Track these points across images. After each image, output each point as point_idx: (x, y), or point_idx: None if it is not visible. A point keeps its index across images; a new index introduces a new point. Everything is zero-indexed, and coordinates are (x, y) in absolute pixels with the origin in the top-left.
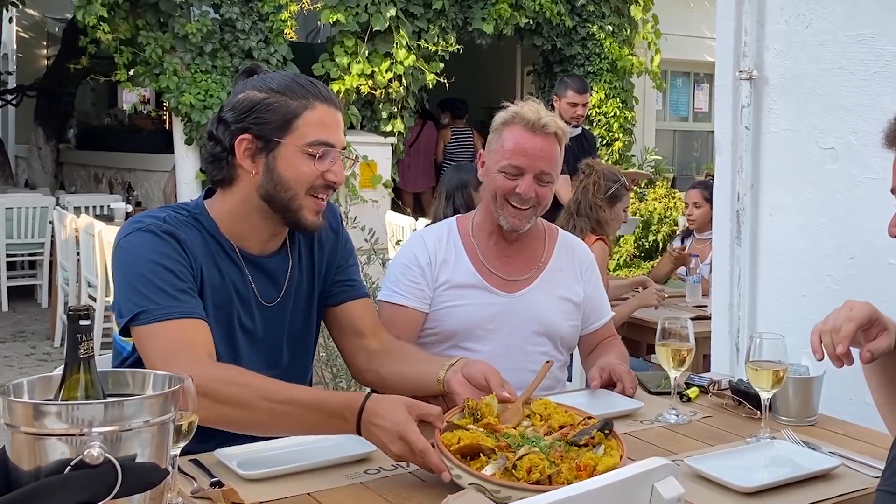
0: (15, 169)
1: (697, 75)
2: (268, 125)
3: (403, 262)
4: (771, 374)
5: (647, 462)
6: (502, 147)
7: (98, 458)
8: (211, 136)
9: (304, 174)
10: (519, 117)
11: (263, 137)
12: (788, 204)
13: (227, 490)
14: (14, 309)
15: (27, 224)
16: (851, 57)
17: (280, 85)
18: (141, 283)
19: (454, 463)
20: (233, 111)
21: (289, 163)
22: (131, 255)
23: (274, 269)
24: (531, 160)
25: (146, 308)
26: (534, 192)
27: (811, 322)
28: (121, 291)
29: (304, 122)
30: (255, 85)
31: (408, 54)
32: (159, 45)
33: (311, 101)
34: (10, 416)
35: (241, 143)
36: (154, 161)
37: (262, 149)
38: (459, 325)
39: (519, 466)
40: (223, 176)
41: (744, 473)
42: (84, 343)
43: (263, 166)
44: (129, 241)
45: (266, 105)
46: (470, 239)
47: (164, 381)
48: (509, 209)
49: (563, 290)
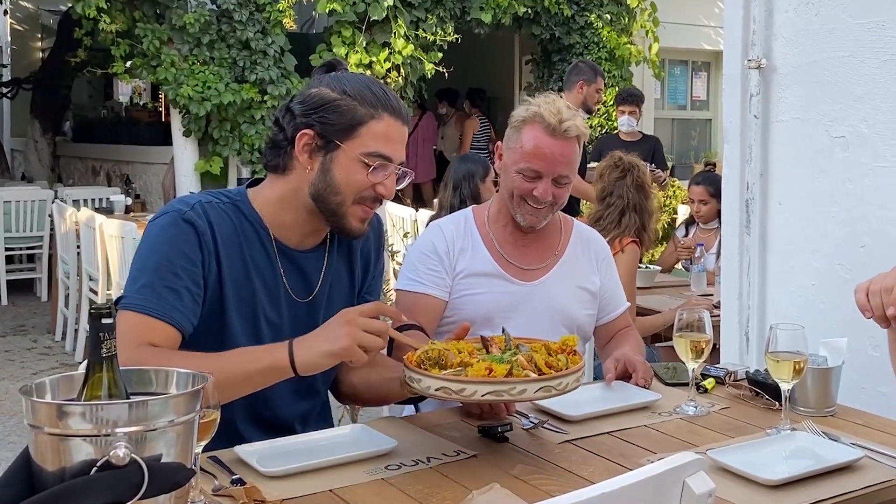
0: (11, 162)
1: (695, 63)
2: (332, 126)
3: (422, 250)
4: (792, 365)
5: (678, 457)
6: (521, 148)
7: (124, 458)
8: (276, 122)
9: (355, 182)
10: (540, 118)
11: (325, 137)
12: (798, 193)
13: (249, 488)
14: (13, 303)
15: (25, 217)
16: (861, 45)
17: (354, 89)
18: (140, 271)
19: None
20: (302, 104)
21: (344, 168)
22: (145, 242)
23: (309, 265)
24: (551, 165)
25: (126, 296)
26: (551, 194)
27: (822, 311)
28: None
29: (367, 130)
30: (330, 83)
31: (406, 44)
32: (156, 36)
33: (379, 112)
34: (33, 417)
35: (303, 137)
36: (152, 153)
37: (322, 148)
38: (478, 313)
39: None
40: (278, 163)
41: (768, 466)
42: (107, 342)
43: (319, 165)
44: (152, 226)
45: (335, 106)
46: (486, 229)
47: (188, 379)
48: (526, 207)
49: (579, 278)
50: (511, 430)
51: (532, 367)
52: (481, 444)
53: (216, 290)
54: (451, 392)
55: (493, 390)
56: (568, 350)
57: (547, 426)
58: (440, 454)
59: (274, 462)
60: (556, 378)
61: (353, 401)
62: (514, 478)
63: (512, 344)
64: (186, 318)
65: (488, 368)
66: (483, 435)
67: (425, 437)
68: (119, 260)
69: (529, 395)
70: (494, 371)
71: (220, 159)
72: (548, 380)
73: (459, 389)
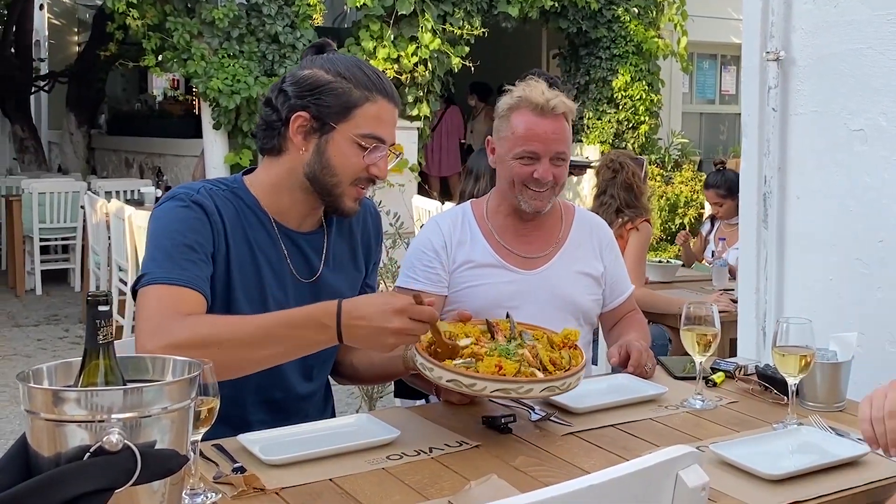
0: (48, 154)
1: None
2: (327, 108)
3: (419, 247)
4: (798, 359)
5: (671, 450)
6: (514, 134)
7: (117, 444)
8: (268, 103)
9: (351, 164)
10: (526, 101)
11: (320, 119)
12: (816, 187)
13: (248, 476)
14: (48, 293)
15: (60, 209)
16: (881, 37)
17: (348, 71)
18: (157, 249)
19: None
20: (295, 86)
21: (339, 149)
22: (155, 224)
23: (309, 246)
24: (546, 144)
25: (148, 272)
26: (551, 174)
27: (839, 306)
28: (143, 256)
29: (362, 112)
30: (323, 65)
31: (433, 38)
32: (187, 30)
33: (373, 94)
34: (29, 403)
35: (297, 119)
36: (183, 146)
37: (317, 130)
38: (481, 304)
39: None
40: (273, 145)
41: (770, 460)
42: (103, 329)
43: (314, 147)
44: (158, 211)
45: (330, 88)
46: (485, 221)
47: (184, 366)
48: (529, 192)
49: (581, 264)
50: (515, 422)
51: (537, 364)
52: (485, 435)
53: (224, 271)
54: (462, 385)
55: (501, 388)
56: (570, 344)
57: (553, 419)
58: (443, 444)
59: (276, 450)
60: (561, 379)
61: (353, 380)
62: (514, 469)
63: (516, 331)
64: (208, 286)
65: (498, 365)
66: (487, 426)
67: (429, 428)
68: None
69: (535, 394)
70: (504, 369)
71: (249, 152)
72: (553, 381)
73: (470, 384)
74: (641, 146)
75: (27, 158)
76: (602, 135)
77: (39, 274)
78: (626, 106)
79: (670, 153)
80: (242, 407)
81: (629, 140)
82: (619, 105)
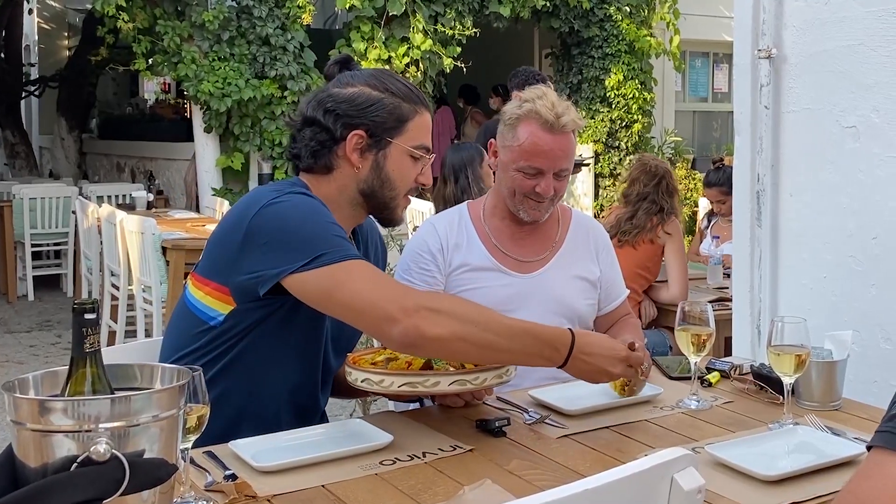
0: (39, 159)
1: (716, 55)
2: (382, 124)
3: (415, 249)
4: (793, 358)
5: (666, 453)
6: (520, 146)
7: (105, 454)
8: (315, 123)
9: (407, 175)
10: (535, 114)
11: (376, 135)
12: (809, 184)
13: (239, 483)
14: (40, 298)
15: (51, 214)
16: (872, 33)
17: (395, 87)
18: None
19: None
20: (347, 104)
21: (396, 163)
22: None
23: None
24: (551, 161)
25: (327, 251)
26: (552, 189)
27: (833, 303)
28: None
29: (413, 125)
30: (368, 82)
31: (424, 39)
32: (177, 33)
33: (419, 107)
34: (15, 413)
35: (354, 137)
36: (175, 150)
37: (373, 146)
38: None
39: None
40: (324, 163)
41: (766, 461)
42: (90, 337)
43: (372, 163)
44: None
45: (382, 105)
46: (482, 223)
47: (173, 374)
48: (529, 203)
49: (578, 268)
50: (509, 425)
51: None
52: (478, 439)
53: None
54: (373, 384)
55: (408, 381)
56: None
57: (548, 422)
58: (436, 449)
59: (268, 457)
60: (473, 373)
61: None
62: (508, 473)
63: None
64: None
65: (408, 362)
66: (481, 429)
67: (422, 432)
68: (139, 256)
69: (443, 387)
70: (413, 364)
71: (241, 155)
72: (463, 374)
73: (379, 380)
74: (635, 145)
75: (18, 164)
76: (595, 134)
77: (31, 279)
78: (619, 105)
79: (664, 151)
80: (278, 407)
81: (623, 139)
82: (612, 104)
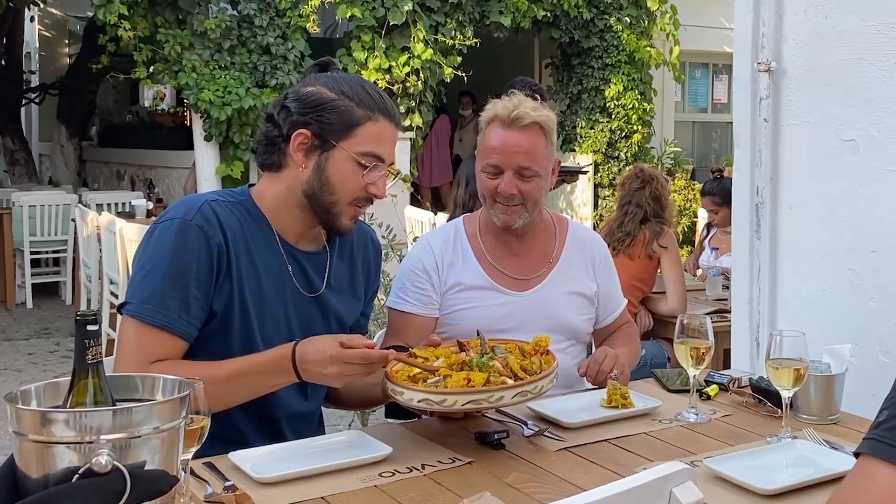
0: (39, 167)
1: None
2: (329, 126)
3: (410, 267)
4: (792, 372)
5: (665, 467)
6: (484, 147)
7: (106, 466)
8: (270, 119)
9: (350, 182)
10: (495, 115)
11: (321, 136)
12: (808, 197)
13: (239, 495)
14: (38, 306)
15: (50, 221)
16: (871, 47)
17: (351, 90)
18: (146, 278)
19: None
20: (298, 102)
21: (339, 167)
22: (149, 248)
23: (311, 265)
24: (507, 157)
25: (132, 301)
26: (516, 188)
27: (832, 316)
28: (133, 275)
29: (363, 131)
30: (327, 83)
31: (425, 48)
32: (178, 42)
33: (375, 114)
34: (17, 424)
35: (298, 136)
36: (175, 158)
37: (318, 147)
38: (472, 327)
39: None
40: (273, 161)
41: (764, 475)
42: (92, 348)
43: (314, 164)
44: (158, 231)
45: (333, 106)
46: (477, 240)
47: (175, 386)
48: (498, 206)
49: (574, 284)
50: (508, 437)
51: (508, 373)
52: (478, 451)
53: (228, 288)
54: (433, 403)
55: (472, 399)
56: (541, 350)
57: (547, 434)
58: (435, 461)
59: (268, 468)
60: (531, 383)
61: (336, 404)
62: (507, 485)
63: (487, 347)
64: (193, 326)
65: (466, 378)
66: (480, 442)
67: (422, 444)
68: None
69: (507, 401)
70: (472, 381)
71: (240, 163)
72: (523, 385)
73: (440, 400)
74: (634, 155)
75: (18, 171)
76: (595, 144)
77: (30, 287)
78: (619, 115)
79: (663, 162)
80: (241, 427)
81: (622, 149)
82: (611, 114)
